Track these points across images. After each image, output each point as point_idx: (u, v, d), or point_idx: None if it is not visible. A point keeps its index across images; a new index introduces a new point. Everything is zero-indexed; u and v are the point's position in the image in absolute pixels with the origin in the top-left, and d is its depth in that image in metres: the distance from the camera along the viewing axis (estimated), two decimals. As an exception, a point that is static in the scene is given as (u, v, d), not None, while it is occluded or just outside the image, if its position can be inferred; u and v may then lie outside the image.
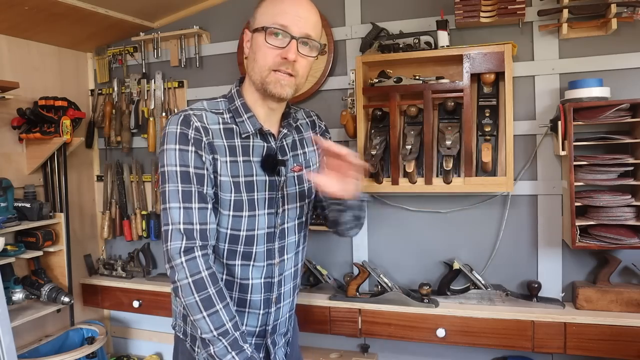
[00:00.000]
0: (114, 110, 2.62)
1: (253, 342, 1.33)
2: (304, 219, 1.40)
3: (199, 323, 1.15)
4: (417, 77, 1.96)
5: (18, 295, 2.12)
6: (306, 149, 1.40)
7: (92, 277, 2.67)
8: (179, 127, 1.18)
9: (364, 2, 2.21)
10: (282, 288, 1.35)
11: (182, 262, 1.14)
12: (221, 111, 1.26)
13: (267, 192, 1.27)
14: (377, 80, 2.02)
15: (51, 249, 2.27)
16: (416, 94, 1.97)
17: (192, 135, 1.18)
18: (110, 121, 2.62)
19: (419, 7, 2.11)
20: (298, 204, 1.35)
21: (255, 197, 1.24)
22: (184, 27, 2.46)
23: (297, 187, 1.34)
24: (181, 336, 1.34)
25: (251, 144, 1.26)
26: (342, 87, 2.24)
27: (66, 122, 2.30)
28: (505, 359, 2.11)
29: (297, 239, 1.38)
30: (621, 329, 1.78)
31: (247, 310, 1.30)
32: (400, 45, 2.03)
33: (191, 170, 1.17)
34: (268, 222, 1.28)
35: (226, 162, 1.21)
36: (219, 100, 1.29)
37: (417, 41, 2.02)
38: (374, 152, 1.97)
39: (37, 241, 2.20)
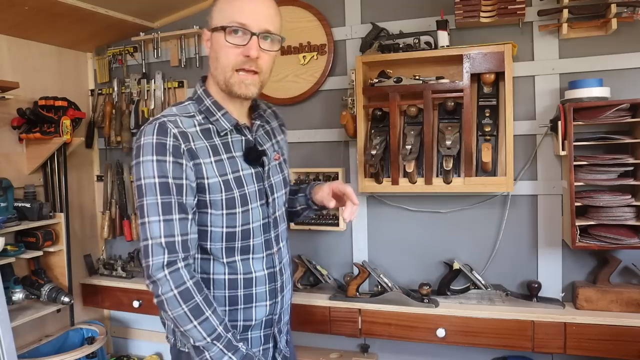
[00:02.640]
0: (114, 110, 2.62)
1: (262, 334, 1.33)
2: (286, 205, 1.44)
3: (190, 332, 1.14)
4: (417, 77, 1.96)
5: (18, 295, 2.12)
6: (278, 138, 1.43)
7: (92, 277, 2.67)
8: (155, 137, 1.14)
9: (364, 2, 2.21)
10: (284, 276, 1.37)
11: (165, 275, 1.12)
12: (192, 114, 1.23)
13: (255, 185, 1.27)
14: (377, 80, 2.02)
15: (51, 249, 2.27)
16: (416, 94, 1.97)
17: (171, 144, 1.15)
18: (110, 121, 2.62)
19: (419, 7, 2.11)
20: (284, 191, 1.39)
21: (246, 191, 1.24)
22: (184, 27, 2.46)
23: (280, 175, 1.37)
24: (185, 350, 1.28)
25: (230, 140, 1.25)
26: (342, 87, 2.24)
27: (66, 122, 2.30)
28: (505, 359, 2.11)
29: (285, 225, 1.42)
30: (621, 329, 1.78)
31: (254, 304, 1.29)
32: (400, 45, 2.03)
33: (170, 180, 1.14)
34: (262, 213, 1.29)
35: (211, 162, 1.20)
36: (186, 103, 1.26)
37: (417, 41, 2.02)
38: (374, 152, 1.97)
39: (37, 241, 2.20)
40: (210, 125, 1.23)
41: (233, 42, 1.18)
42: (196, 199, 1.19)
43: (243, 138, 1.28)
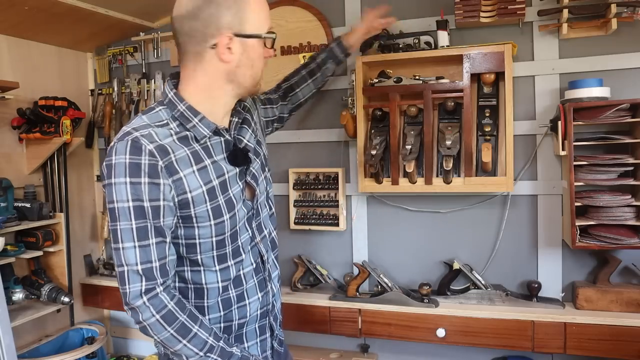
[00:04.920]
0: (114, 110, 2.62)
1: (257, 326, 1.31)
2: (269, 188, 1.37)
3: (181, 351, 1.12)
4: (417, 77, 1.96)
5: (18, 295, 2.12)
6: (254, 117, 1.37)
7: (92, 277, 2.67)
8: (128, 156, 1.05)
9: (364, 2, 2.21)
10: (268, 262, 1.33)
11: (144, 302, 1.07)
12: (165, 121, 1.14)
13: (239, 183, 1.22)
14: (377, 80, 2.02)
15: (51, 249, 2.27)
16: (416, 94, 1.97)
17: (146, 162, 1.06)
18: (110, 121, 2.62)
19: (419, 7, 2.11)
20: (263, 175, 1.33)
21: (231, 194, 1.19)
22: (184, 27, 2.46)
23: (257, 160, 1.31)
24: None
25: (209, 144, 1.18)
26: (342, 87, 2.24)
27: (66, 122, 2.31)
28: (505, 359, 2.11)
29: (267, 208, 1.36)
30: (621, 329, 1.78)
31: (247, 301, 1.27)
32: (400, 45, 2.03)
33: (146, 204, 1.06)
34: (246, 208, 1.25)
35: (193, 172, 1.12)
36: (157, 109, 1.16)
37: (417, 41, 2.02)
38: (374, 152, 1.97)
39: (37, 241, 2.20)
40: (187, 133, 1.15)
41: (270, 50, 1.18)
42: (175, 218, 1.13)
43: (222, 139, 1.20)
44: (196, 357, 1.12)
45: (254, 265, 1.29)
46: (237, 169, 1.22)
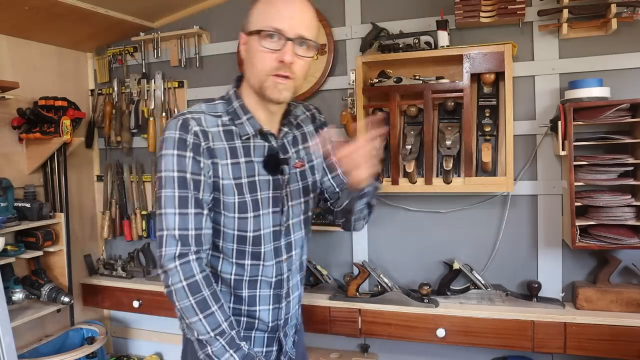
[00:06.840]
0: (114, 110, 2.62)
1: (266, 337, 1.34)
2: (309, 213, 1.41)
3: (195, 325, 1.17)
4: (417, 77, 1.97)
5: (18, 295, 2.12)
6: (308, 144, 1.40)
7: (92, 277, 2.67)
8: (177, 132, 1.18)
9: (364, 2, 2.21)
10: (290, 282, 1.37)
11: (176, 266, 1.15)
12: (220, 114, 1.25)
13: (271, 192, 1.27)
14: (377, 80, 2.02)
15: (51, 249, 2.27)
16: (416, 94, 1.97)
17: (191, 141, 1.18)
18: (110, 121, 2.62)
19: (419, 7, 2.11)
20: (302, 200, 1.36)
21: (259, 196, 1.25)
22: (184, 27, 2.46)
23: (300, 183, 1.35)
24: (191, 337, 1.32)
25: (252, 144, 1.26)
26: (342, 87, 2.24)
27: (66, 122, 2.30)
28: (505, 359, 2.11)
29: (302, 234, 1.39)
30: (621, 329, 1.78)
31: (257, 307, 1.31)
32: (400, 45, 2.03)
33: (188, 175, 1.18)
34: (273, 220, 1.29)
35: (227, 164, 1.21)
36: (217, 102, 1.28)
37: (417, 41, 2.02)
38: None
39: (37, 241, 2.20)
40: (234, 128, 1.24)
41: (268, 46, 1.17)
42: (212, 196, 1.22)
43: (266, 144, 1.27)
44: (206, 336, 1.17)
45: (274, 279, 1.32)
46: (271, 177, 1.27)
